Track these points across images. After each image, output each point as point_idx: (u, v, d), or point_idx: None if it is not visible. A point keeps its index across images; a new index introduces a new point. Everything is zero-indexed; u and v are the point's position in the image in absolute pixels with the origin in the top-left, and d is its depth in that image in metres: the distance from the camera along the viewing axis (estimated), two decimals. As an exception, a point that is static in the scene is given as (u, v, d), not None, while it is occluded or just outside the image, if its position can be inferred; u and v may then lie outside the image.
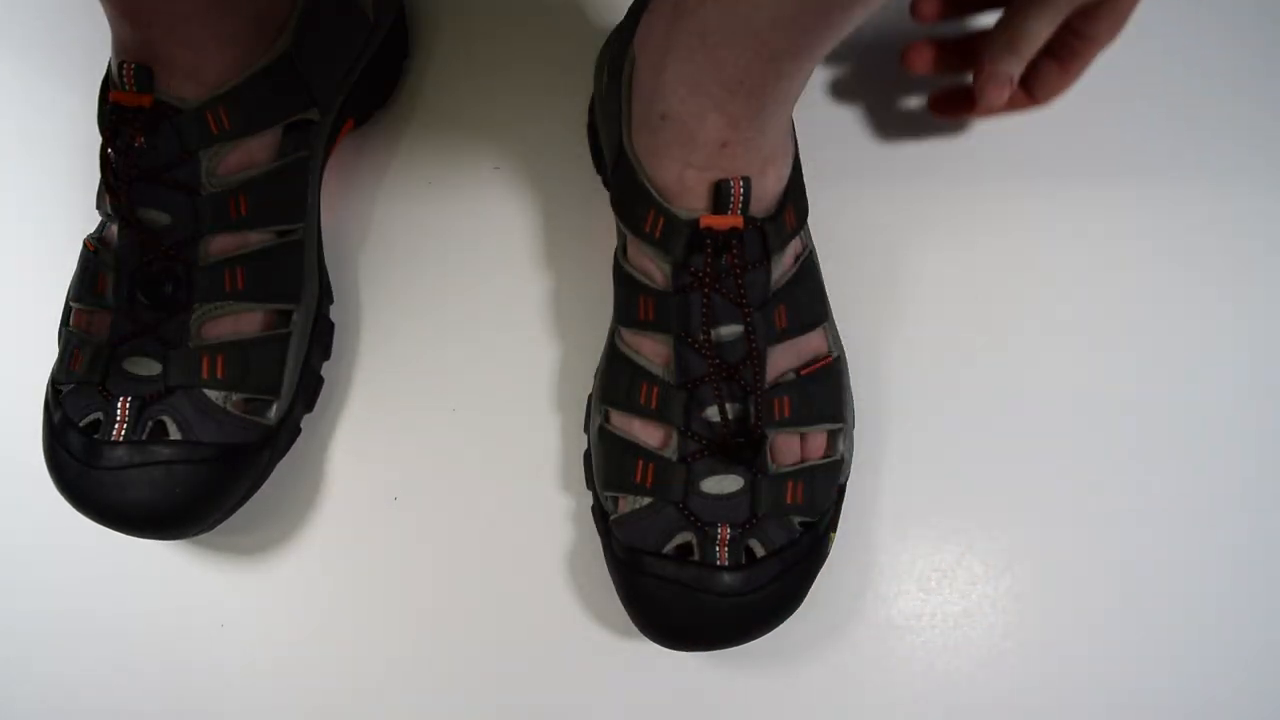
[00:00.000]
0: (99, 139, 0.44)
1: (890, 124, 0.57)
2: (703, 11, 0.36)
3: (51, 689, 0.50)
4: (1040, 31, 0.45)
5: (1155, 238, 0.56)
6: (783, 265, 0.44)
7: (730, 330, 0.42)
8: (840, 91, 0.58)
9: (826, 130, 0.57)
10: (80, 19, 0.56)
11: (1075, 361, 0.54)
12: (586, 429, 0.49)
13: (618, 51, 0.47)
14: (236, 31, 0.43)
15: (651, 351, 0.44)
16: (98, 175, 0.45)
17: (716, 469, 0.43)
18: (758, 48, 0.36)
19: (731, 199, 0.40)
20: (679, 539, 0.43)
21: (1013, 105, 0.50)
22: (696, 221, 0.41)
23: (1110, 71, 0.51)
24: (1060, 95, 0.49)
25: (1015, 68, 0.47)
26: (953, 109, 0.54)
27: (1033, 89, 0.49)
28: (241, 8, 0.43)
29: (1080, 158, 0.56)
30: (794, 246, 0.45)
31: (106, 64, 0.45)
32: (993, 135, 0.56)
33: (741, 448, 0.43)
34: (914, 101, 0.57)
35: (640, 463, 0.44)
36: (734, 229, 0.40)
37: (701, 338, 0.42)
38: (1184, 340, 0.54)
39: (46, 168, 0.56)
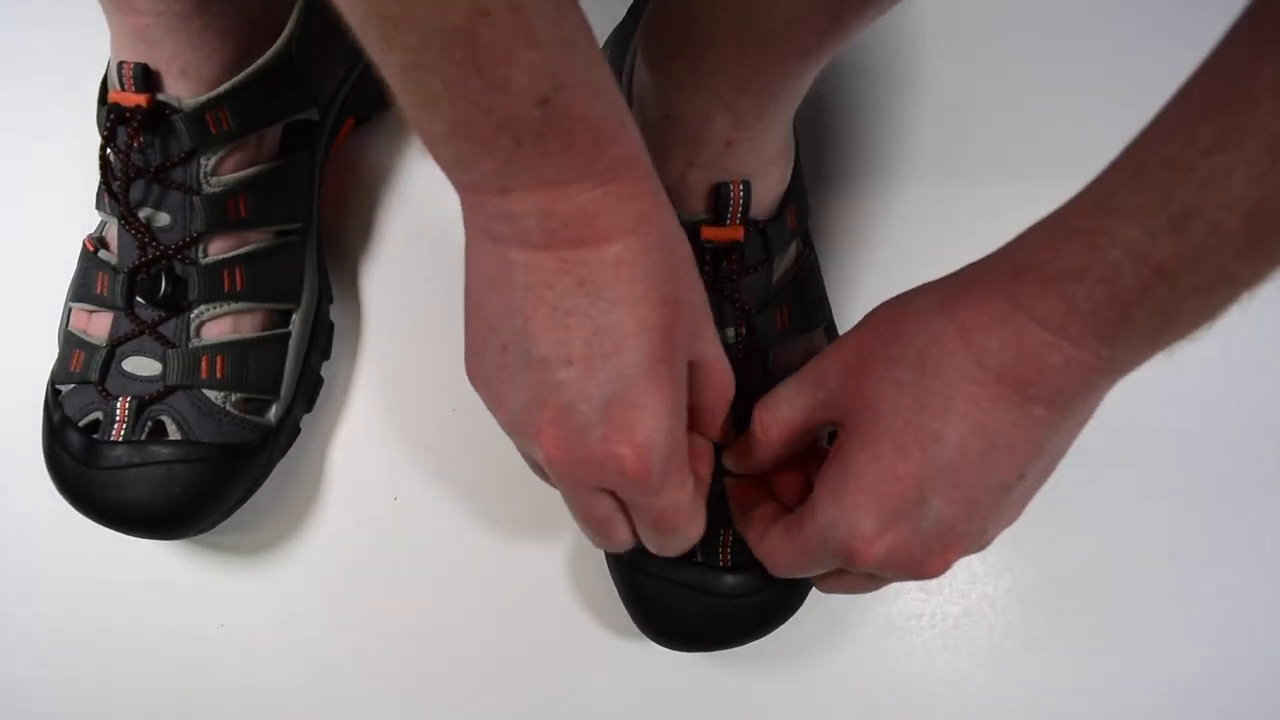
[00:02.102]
0: (99, 139, 0.44)
1: (890, 125, 0.57)
2: (713, 12, 0.36)
3: (51, 689, 0.50)
4: (780, 406, 0.36)
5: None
6: (784, 266, 0.44)
7: (731, 332, 0.42)
8: (840, 92, 0.57)
9: (826, 131, 0.57)
10: (79, 18, 0.56)
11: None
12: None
13: (618, 52, 0.47)
14: (236, 30, 0.43)
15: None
16: (97, 175, 0.44)
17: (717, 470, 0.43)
18: (769, 47, 0.36)
19: (731, 202, 0.40)
20: (680, 540, 0.43)
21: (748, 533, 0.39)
22: (697, 229, 0.40)
23: (1113, 74, 0.51)
24: (771, 561, 0.37)
25: (749, 436, 0.37)
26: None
27: (762, 533, 0.38)
28: (240, 5, 0.43)
29: (1083, 159, 0.56)
30: (795, 247, 0.45)
31: (106, 64, 0.45)
32: (994, 136, 0.56)
33: None
34: (914, 102, 0.57)
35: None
36: (734, 241, 0.40)
37: None
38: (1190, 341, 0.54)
39: (46, 168, 0.56)
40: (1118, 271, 0.26)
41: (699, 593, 0.42)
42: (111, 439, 0.43)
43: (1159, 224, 0.25)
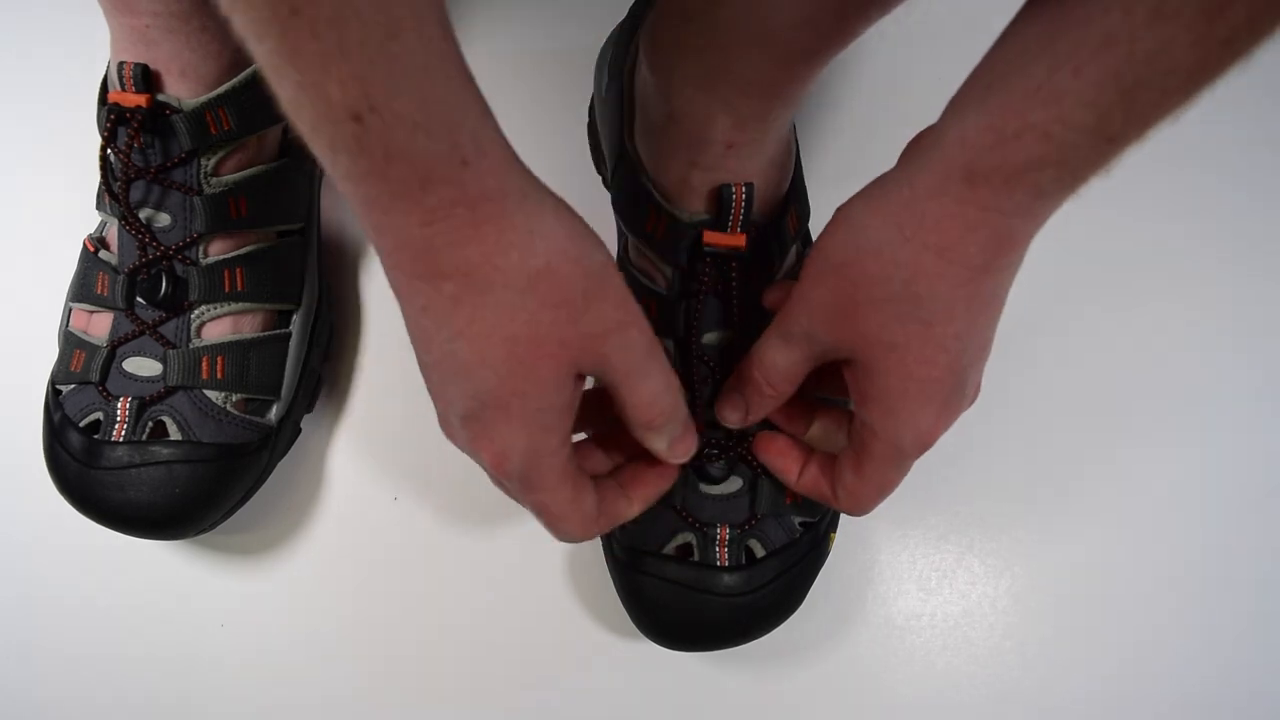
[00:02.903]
0: (99, 139, 0.44)
1: (890, 126, 0.57)
2: (716, 12, 0.35)
3: (52, 689, 0.50)
4: (777, 363, 0.37)
5: (1154, 239, 0.56)
6: (784, 268, 0.44)
7: (732, 334, 0.42)
8: (840, 93, 0.57)
9: (826, 132, 0.57)
10: (79, 19, 0.56)
11: (1075, 361, 0.54)
12: (587, 429, 0.49)
13: (619, 51, 0.47)
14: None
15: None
16: (98, 175, 0.44)
17: (716, 472, 0.43)
18: (773, 49, 0.35)
19: (733, 205, 0.40)
20: (679, 539, 0.43)
21: (814, 492, 0.40)
22: (699, 231, 0.40)
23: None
24: (860, 504, 0.38)
25: (747, 389, 0.39)
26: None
27: (834, 483, 0.39)
28: None
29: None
30: (796, 248, 0.45)
31: (106, 65, 0.45)
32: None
33: (735, 451, 0.43)
34: (914, 103, 0.57)
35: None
36: (735, 248, 0.40)
37: (703, 342, 0.42)
38: (1185, 340, 0.54)
39: (46, 168, 0.56)
40: (1076, 150, 0.27)
41: (697, 592, 0.42)
42: (112, 439, 0.43)
43: (1111, 102, 0.26)
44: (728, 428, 0.43)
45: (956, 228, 0.30)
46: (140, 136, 0.42)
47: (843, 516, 0.48)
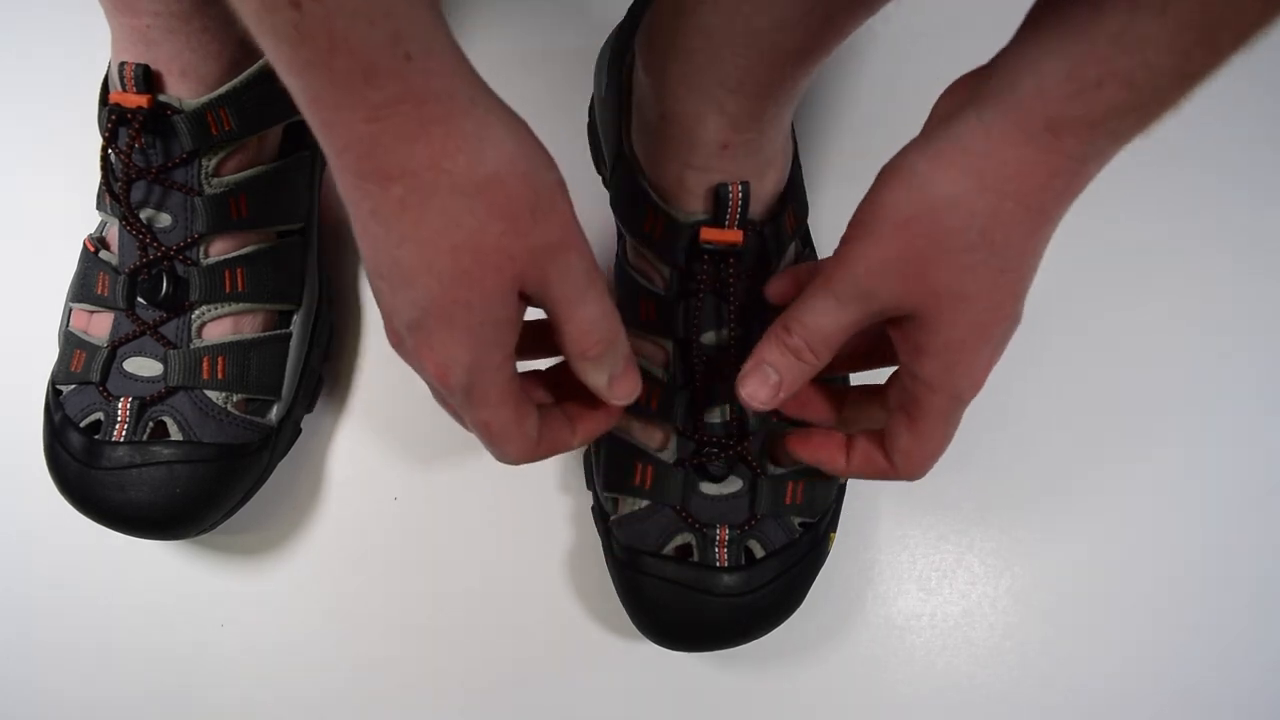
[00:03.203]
0: (100, 139, 0.44)
1: (889, 124, 0.57)
2: (704, 11, 0.36)
3: (52, 689, 0.50)
4: (819, 324, 0.35)
5: (1154, 239, 0.56)
6: (782, 267, 0.44)
7: (726, 332, 0.42)
8: (839, 92, 0.57)
9: (825, 131, 0.57)
10: (79, 19, 0.56)
11: (1075, 360, 0.54)
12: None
13: (618, 52, 0.47)
14: (236, 31, 0.43)
15: (651, 353, 0.44)
16: (98, 176, 0.45)
17: (716, 470, 0.43)
18: (760, 49, 0.36)
19: (730, 203, 0.40)
20: (679, 539, 0.43)
21: (869, 469, 0.39)
22: (696, 229, 0.40)
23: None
24: (921, 466, 0.37)
25: (781, 361, 0.36)
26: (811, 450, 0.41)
27: (889, 452, 0.37)
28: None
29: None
30: (794, 247, 0.45)
31: (107, 65, 0.45)
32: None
33: (734, 449, 0.43)
34: (913, 101, 0.57)
35: (639, 465, 0.44)
36: (732, 244, 0.40)
37: (702, 341, 0.42)
38: (1185, 339, 0.54)
39: (46, 168, 0.56)
40: (1156, 93, 0.27)
41: (697, 592, 0.42)
42: (113, 439, 0.43)
43: (1191, 42, 0.26)
44: (726, 428, 0.43)
45: (1041, 175, 0.30)
46: (141, 137, 0.42)
47: (842, 515, 0.48)
